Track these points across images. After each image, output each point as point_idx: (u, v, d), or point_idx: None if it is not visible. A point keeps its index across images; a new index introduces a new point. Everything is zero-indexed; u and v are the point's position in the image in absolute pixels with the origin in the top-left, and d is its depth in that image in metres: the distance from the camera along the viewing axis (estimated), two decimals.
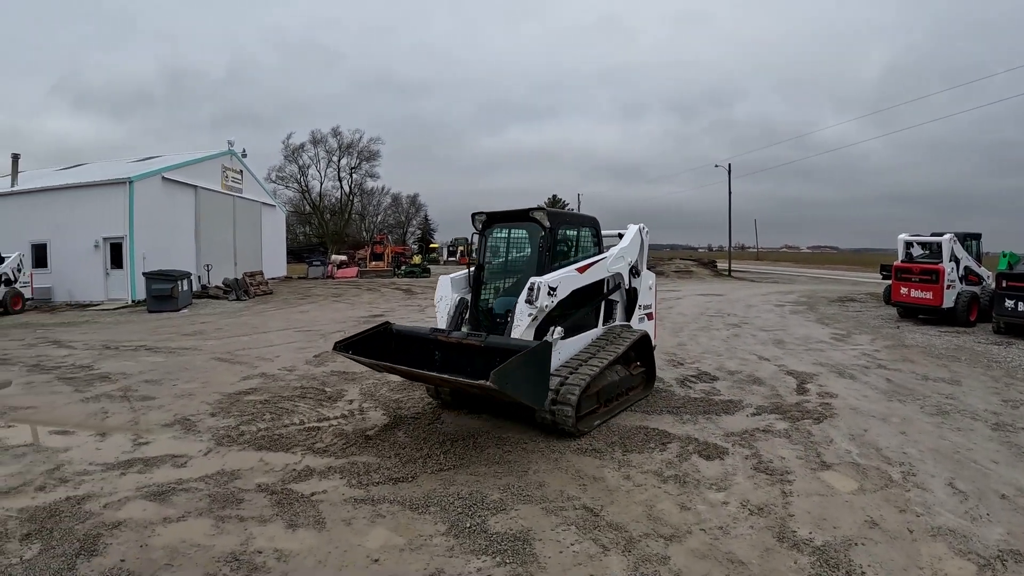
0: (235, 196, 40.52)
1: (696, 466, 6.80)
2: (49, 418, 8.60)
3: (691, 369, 11.63)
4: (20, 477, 7.09)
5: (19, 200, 32.91)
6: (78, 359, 14.29)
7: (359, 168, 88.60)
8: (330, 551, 5.14)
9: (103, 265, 30.13)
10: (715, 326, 17.41)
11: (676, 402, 9.29)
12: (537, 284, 7.88)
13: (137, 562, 5.09)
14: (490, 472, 6.70)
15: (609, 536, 5.25)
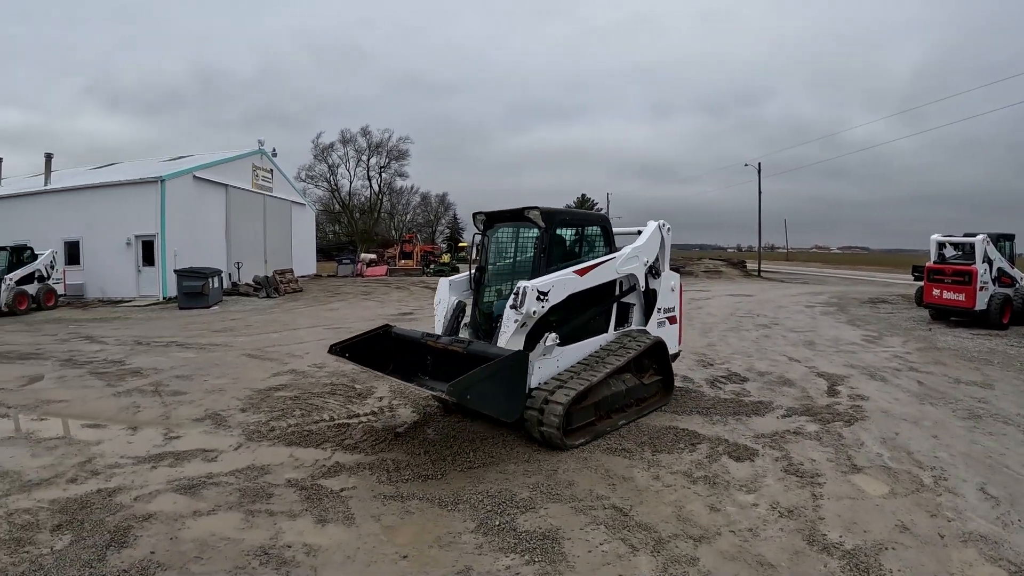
0: (265, 195, 40.86)
1: (726, 467, 6.75)
2: (81, 412, 8.68)
3: (721, 370, 11.53)
4: (52, 469, 7.18)
5: (52, 198, 33.44)
6: (110, 354, 14.44)
7: (388, 167, 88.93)
8: (359, 546, 5.16)
9: (135, 262, 30.50)
10: (745, 327, 17.30)
11: (706, 403, 9.21)
12: (523, 288, 7.40)
13: (167, 554, 5.13)
14: (519, 470, 6.69)
15: (638, 536, 5.22)
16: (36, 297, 26.54)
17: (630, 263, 9.04)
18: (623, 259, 8.88)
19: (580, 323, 8.54)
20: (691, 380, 10.61)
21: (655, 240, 9.59)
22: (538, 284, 7.49)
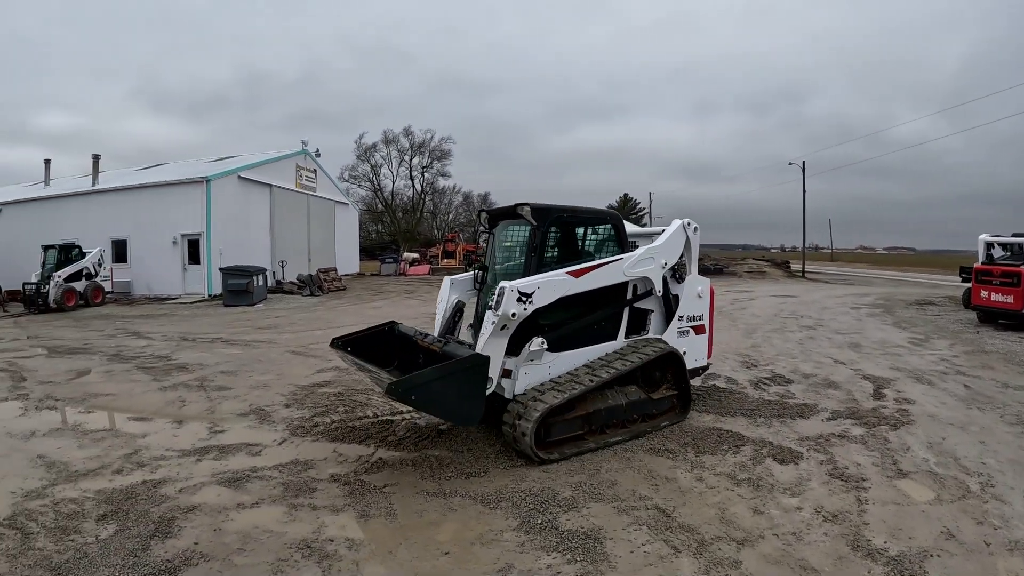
0: (309, 194, 41.32)
1: (770, 470, 6.67)
2: (127, 405, 8.82)
3: (765, 371, 11.38)
4: (98, 460, 7.32)
5: (100, 198, 34.23)
6: (156, 350, 14.66)
7: (431, 167, 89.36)
8: (401, 542, 5.18)
9: (181, 260, 31.07)
10: (789, 328, 17.09)
11: (750, 404, 9.09)
12: (502, 289, 6.97)
13: (210, 545, 5.20)
14: (562, 469, 6.67)
15: (681, 538, 5.17)
16: (84, 294, 27.16)
17: (642, 265, 8.18)
18: (634, 260, 8.07)
19: (579, 328, 7.93)
20: (735, 381, 10.48)
21: (677, 241, 8.66)
22: (520, 285, 7.01)
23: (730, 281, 36.92)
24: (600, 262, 7.77)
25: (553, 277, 7.27)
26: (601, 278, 7.72)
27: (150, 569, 4.84)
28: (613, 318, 8.29)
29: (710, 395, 9.51)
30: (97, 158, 38.63)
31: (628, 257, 8.02)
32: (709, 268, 42.58)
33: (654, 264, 8.29)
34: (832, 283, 40.73)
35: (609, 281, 7.84)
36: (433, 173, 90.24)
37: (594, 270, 7.63)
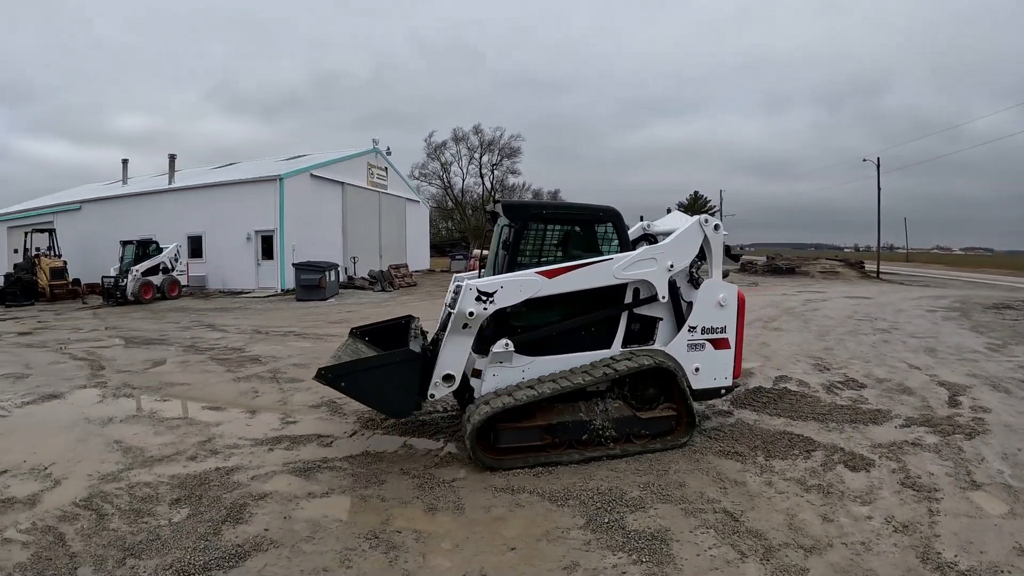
0: (380, 192, 41.83)
1: (841, 477, 6.52)
2: (202, 395, 9.02)
3: (838, 375, 11.12)
4: (173, 447, 7.53)
5: (177, 196, 35.36)
6: (230, 342, 14.96)
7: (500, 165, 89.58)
8: (467, 536, 5.22)
9: (255, 256, 31.80)
10: (863, 330, 16.70)
11: (822, 408, 8.88)
12: (458, 287, 7.06)
13: (280, 532, 5.32)
14: (630, 469, 6.63)
15: (748, 543, 5.10)
16: (161, 287, 28.02)
17: (640, 267, 7.36)
18: (628, 261, 7.29)
19: (563, 333, 7.43)
20: (807, 384, 10.25)
21: (691, 240, 7.71)
22: (480, 283, 6.84)
23: (802, 281, 36.28)
24: (579, 263, 7.18)
25: (520, 277, 6.98)
26: (581, 280, 7.14)
27: (220, 553, 4.97)
28: (607, 324, 7.58)
29: (781, 398, 9.34)
30: (173, 157, 39.86)
31: (620, 258, 7.29)
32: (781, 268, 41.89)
33: (656, 266, 7.42)
34: (907, 284, 39.65)
35: (593, 284, 7.21)
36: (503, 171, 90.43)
37: (571, 271, 7.11)
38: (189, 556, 4.91)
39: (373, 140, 42.70)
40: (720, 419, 8.25)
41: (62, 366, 12.87)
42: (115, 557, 4.96)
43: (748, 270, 44.08)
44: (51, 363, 13.26)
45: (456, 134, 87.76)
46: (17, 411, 9.34)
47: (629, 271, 7.28)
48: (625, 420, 7.15)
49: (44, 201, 45.14)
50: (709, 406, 8.82)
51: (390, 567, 4.76)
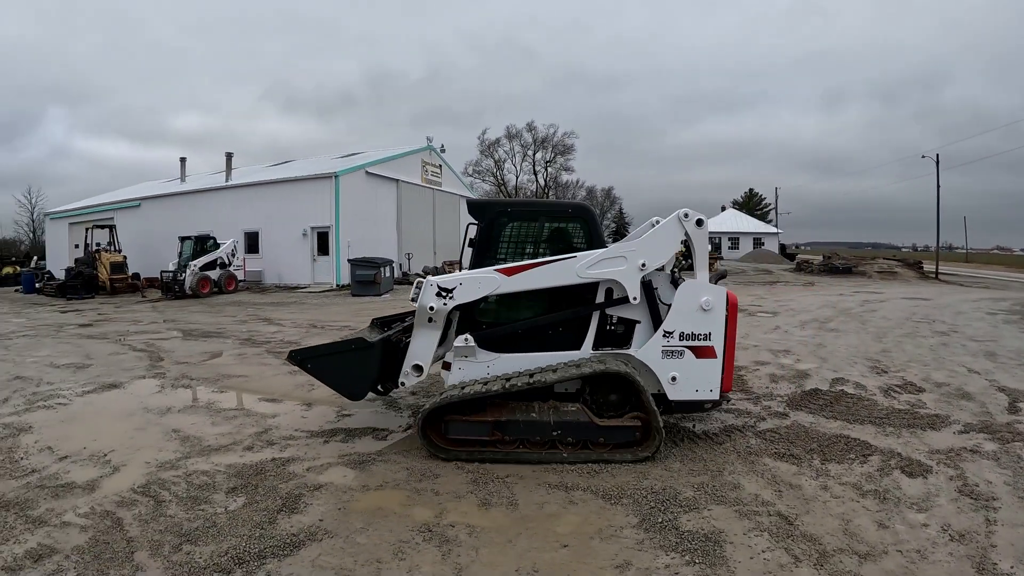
0: (434, 189, 42.13)
1: (897, 482, 6.38)
2: (258, 387, 9.14)
3: (896, 378, 10.87)
4: (230, 437, 7.68)
5: (234, 193, 36.16)
6: (286, 335, 15.16)
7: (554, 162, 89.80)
8: (520, 532, 5.22)
9: (310, 252, 32.28)
10: (921, 333, 16.33)
11: (879, 412, 8.67)
12: (421, 282, 7.19)
13: (334, 523, 5.39)
14: (684, 469, 6.57)
15: (802, 547, 5.02)
16: (218, 282, 28.62)
17: (607, 265, 7.04)
18: (593, 260, 7.01)
19: (528, 331, 7.37)
20: (864, 387, 10.03)
21: (669, 237, 7.24)
22: (440, 280, 7.07)
23: (860, 281, 35.61)
24: (540, 261, 7.07)
25: (479, 274, 7.07)
26: (542, 278, 7.04)
27: (276, 541, 5.05)
28: (576, 324, 7.36)
29: (838, 400, 9.14)
30: (230, 156, 40.71)
31: (585, 256, 7.04)
32: (838, 267, 41.12)
33: (626, 265, 7.04)
34: (967, 286, 38.70)
35: (555, 282, 7.07)
36: (556, 168, 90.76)
37: (530, 269, 7.03)
38: (244, 544, 5.00)
39: (427, 138, 42.95)
40: (776, 421, 8.13)
41: (122, 357, 13.18)
42: (171, 543, 5.07)
43: (804, 269, 43.44)
44: (111, 354, 13.59)
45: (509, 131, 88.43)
46: (78, 399, 9.59)
47: (595, 270, 7.02)
48: (580, 426, 6.85)
49: (104, 198, 46.41)
50: (765, 407, 8.71)
51: (443, 561, 4.78)
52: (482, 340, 7.23)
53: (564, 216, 7.79)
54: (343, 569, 4.67)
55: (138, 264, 33.65)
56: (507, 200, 7.45)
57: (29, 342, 15.77)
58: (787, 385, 9.97)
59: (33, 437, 7.78)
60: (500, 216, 7.56)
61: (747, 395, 9.37)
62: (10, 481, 6.38)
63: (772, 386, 9.93)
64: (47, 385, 10.56)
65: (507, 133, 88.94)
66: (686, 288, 7.12)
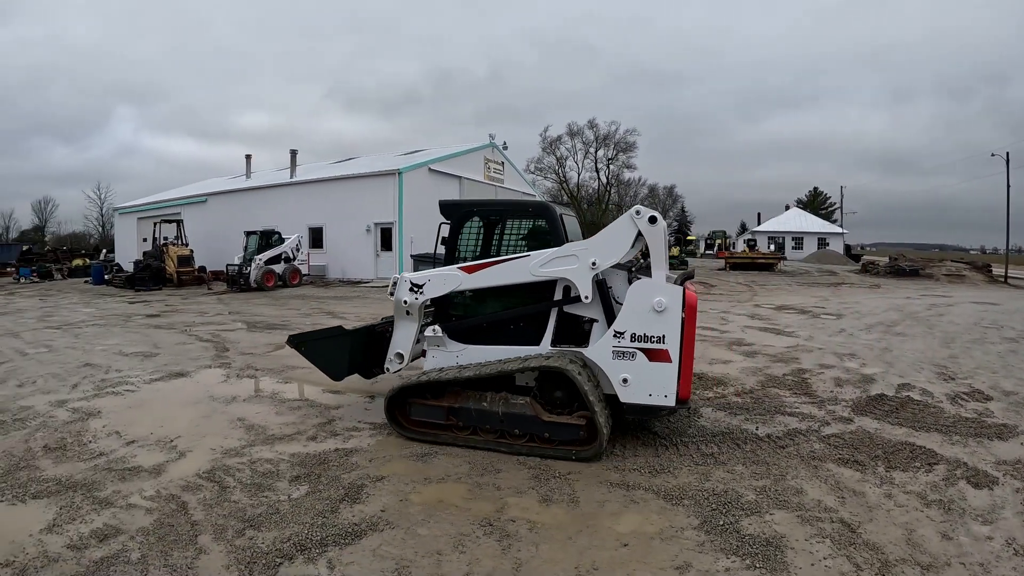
0: (497, 186, 42.24)
1: (963, 493, 6.22)
2: (322, 379, 9.18)
3: (963, 385, 10.59)
4: (294, 427, 7.85)
5: (298, 189, 36.84)
6: None
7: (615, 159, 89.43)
8: (580, 529, 5.23)
9: (373, 247, 32.71)
10: (990, 339, 15.88)
11: (945, 420, 8.46)
12: (396, 279, 7.89)
13: (396, 514, 5.47)
14: (747, 472, 6.51)
15: (864, 555, 4.94)
16: (282, 276, 29.15)
17: (559, 264, 7.07)
18: (546, 258, 7.08)
19: (492, 324, 7.62)
20: (930, 394, 9.79)
21: (622, 236, 7.02)
22: (412, 276, 7.73)
23: (926, 284, 34.78)
24: (498, 259, 7.33)
25: (445, 271, 7.54)
26: (498, 276, 7.27)
27: (337, 530, 5.16)
28: (536, 320, 7.45)
29: (904, 407, 8.94)
30: (295, 153, 41.35)
31: (539, 254, 7.13)
32: (904, 269, 40.10)
33: (578, 264, 7.00)
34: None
35: (511, 280, 7.26)
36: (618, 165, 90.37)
37: (489, 267, 7.29)
38: (307, 531, 5.12)
39: (490, 135, 43.11)
40: (841, 426, 7.99)
41: (188, 347, 13.50)
42: (235, 527, 5.21)
43: (869, 271, 42.50)
44: (178, 344, 13.93)
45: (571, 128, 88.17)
46: (146, 387, 9.85)
47: (547, 268, 7.09)
48: (526, 419, 7.00)
49: (172, 194, 47.63)
50: (829, 412, 8.57)
51: (503, 555, 4.82)
52: (452, 331, 7.66)
53: (527, 214, 8.04)
54: (403, 560, 4.73)
55: (204, 258, 34.42)
56: (474, 200, 7.81)
57: (98, 331, 16.25)
58: (852, 389, 9.79)
59: (101, 422, 8.03)
60: (468, 215, 8.08)
61: (811, 399, 9.23)
62: (78, 463, 6.60)
63: (837, 390, 9.76)
64: (115, 372, 10.86)
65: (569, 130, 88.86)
66: (638, 287, 6.95)
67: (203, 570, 4.59)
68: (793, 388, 9.83)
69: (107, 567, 4.60)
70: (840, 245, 71.84)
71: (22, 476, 6.23)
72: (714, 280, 33.28)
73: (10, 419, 8.13)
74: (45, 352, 12.90)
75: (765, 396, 9.34)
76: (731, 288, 29.73)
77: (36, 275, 39.53)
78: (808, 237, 73.45)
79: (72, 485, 6.00)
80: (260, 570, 4.58)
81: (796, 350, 13.12)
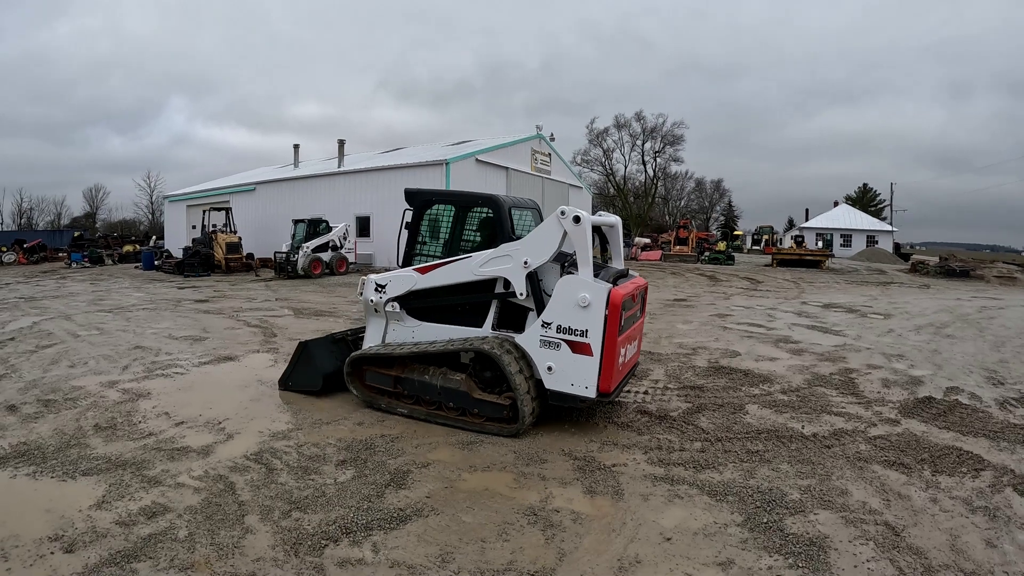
0: (544, 177, 42.31)
1: (1009, 501, 6.10)
2: None
3: (1013, 391, 10.34)
4: (340, 412, 8.00)
5: (346, 179, 37.28)
6: None
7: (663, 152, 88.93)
8: (624, 521, 5.26)
9: None
10: None
11: (994, 425, 8.29)
12: (363, 280, 8.58)
13: (441, 500, 5.56)
14: (792, 471, 6.48)
15: (907, 559, 4.89)
16: (329, 263, 29.45)
17: (496, 264, 7.60)
18: (484, 259, 7.66)
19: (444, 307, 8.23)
20: (979, 398, 9.60)
21: (549, 236, 7.43)
22: (376, 277, 8.46)
23: (977, 286, 34.03)
24: (445, 260, 8.03)
25: (402, 273, 8.25)
26: (447, 276, 7.97)
27: (382, 514, 5.25)
28: (479, 307, 8.08)
29: (952, 410, 8.80)
30: (342, 143, 41.85)
31: (479, 256, 7.75)
32: (955, 270, 39.31)
33: (512, 263, 7.52)
34: None
35: (458, 279, 7.92)
36: (665, 158, 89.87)
37: (439, 268, 8.01)
38: (352, 515, 5.22)
39: (537, 126, 43.15)
40: (887, 428, 7.90)
41: (237, 332, 13.73)
42: (281, 509, 5.32)
43: (919, 270, 41.74)
44: (226, 328, 14.19)
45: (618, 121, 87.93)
46: (195, 370, 10.05)
47: (487, 268, 7.68)
48: (459, 394, 7.62)
49: (221, 182, 48.49)
50: (876, 413, 8.47)
51: (546, 544, 4.87)
52: (410, 309, 8.32)
53: (476, 204, 8.43)
54: (448, 545, 4.80)
55: (252, 245, 34.95)
56: (432, 190, 8.13)
57: (149, 315, 16.56)
58: (899, 391, 9.66)
59: (151, 403, 8.22)
60: (428, 203, 8.60)
61: (858, 399, 9.13)
62: (128, 443, 6.78)
63: (884, 391, 9.65)
64: (165, 355, 11.09)
65: (616, 123, 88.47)
66: (565, 282, 7.28)
67: (249, 549, 4.70)
68: (840, 388, 9.73)
69: (155, 544, 4.72)
70: (889, 243, 70.77)
71: (73, 454, 6.42)
72: (760, 276, 32.93)
73: (62, 399, 8.35)
74: (97, 335, 13.20)
75: (811, 395, 9.25)
76: (778, 285, 29.41)
77: (87, 260, 40.26)
78: (857, 234, 72.46)
79: (121, 463, 6.17)
80: (306, 551, 4.68)
81: (843, 349, 12.97)
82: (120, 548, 4.64)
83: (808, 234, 67.82)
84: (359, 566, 4.52)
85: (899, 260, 57.73)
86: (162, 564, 4.47)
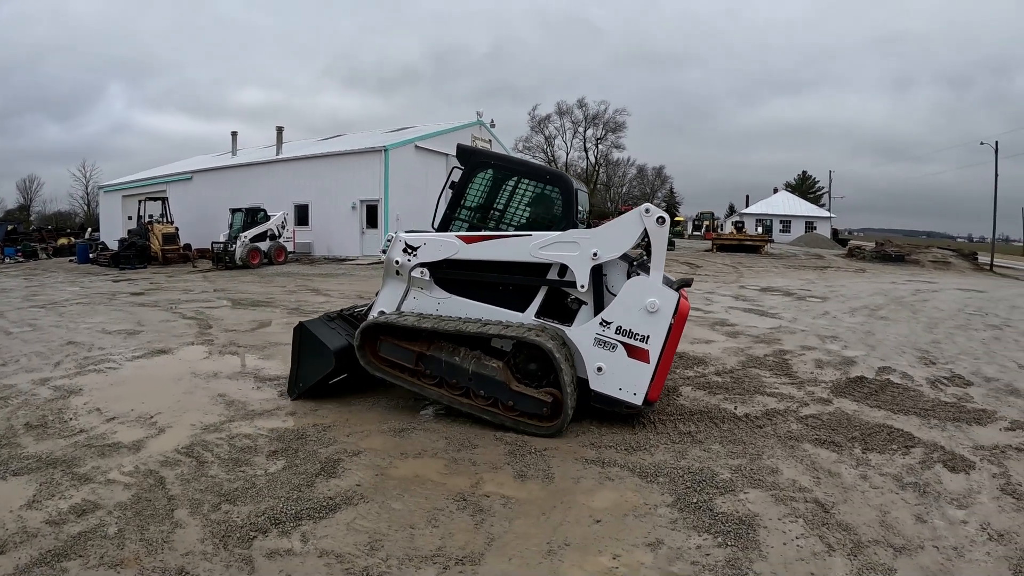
0: None
1: (939, 476, 6.22)
2: None
3: (944, 370, 10.61)
4: (274, 403, 7.87)
5: (284, 167, 37.15)
6: (334, 305, 15.23)
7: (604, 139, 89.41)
8: (555, 505, 5.25)
9: (359, 225, 32.89)
10: (974, 325, 15.93)
11: (924, 404, 8.49)
12: (392, 237, 7.74)
13: (371, 488, 5.49)
14: (723, 451, 6.53)
15: (837, 536, 4.95)
16: (268, 253, 29.18)
17: (560, 249, 7.04)
18: (547, 241, 7.06)
19: (482, 284, 7.50)
20: (911, 378, 9.84)
21: (627, 231, 7.06)
22: (408, 237, 7.54)
23: (912, 270, 34.85)
24: (500, 234, 7.34)
25: (443, 237, 7.45)
26: (497, 251, 7.24)
27: (312, 504, 5.17)
28: (525, 290, 7.43)
29: (883, 389, 9.01)
30: (280, 129, 41.38)
31: (540, 236, 7.11)
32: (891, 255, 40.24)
33: (579, 252, 6.98)
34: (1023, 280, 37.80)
35: (509, 257, 7.22)
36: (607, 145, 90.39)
37: (489, 240, 7.28)
38: (282, 505, 5.13)
39: (477, 112, 43.20)
40: (819, 407, 8.03)
41: (172, 324, 13.47)
42: (211, 502, 5.21)
43: (856, 256, 42.61)
44: (162, 321, 13.91)
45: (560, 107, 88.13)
46: (128, 364, 9.82)
47: (547, 251, 7.07)
48: (495, 383, 6.98)
49: (157, 171, 47.55)
50: (808, 392, 8.63)
51: (476, 529, 4.84)
52: (439, 279, 7.53)
53: (541, 179, 7.78)
54: (377, 533, 4.74)
55: (189, 235, 34.34)
56: (493, 152, 7.71)
57: (83, 309, 16.16)
58: (832, 371, 9.84)
59: (83, 399, 7.99)
60: (483, 165, 7.89)
61: (791, 380, 9.28)
62: (59, 440, 6.58)
63: (817, 372, 9.81)
64: (98, 350, 10.81)
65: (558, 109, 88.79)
66: (634, 284, 6.97)
67: (179, 543, 4.58)
68: (774, 369, 9.88)
69: (84, 541, 4.59)
70: (828, 229, 72.13)
71: (3, 454, 6.21)
72: (700, 261, 33.36)
73: None
74: (29, 331, 12.83)
75: (745, 376, 9.37)
76: (717, 269, 29.80)
77: (21, 255, 39.27)
78: (796, 220, 73.73)
79: (52, 462, 5.98)
80: (235, 543, 4.58)
81: (779, 331, 13.18)
82: (50, 547, 4.51)
83: (748, 220, 68.92)
84: (288, 556, 4.44)
85: (837, 245, 58.83)
86: (92, 562, 4.35)
